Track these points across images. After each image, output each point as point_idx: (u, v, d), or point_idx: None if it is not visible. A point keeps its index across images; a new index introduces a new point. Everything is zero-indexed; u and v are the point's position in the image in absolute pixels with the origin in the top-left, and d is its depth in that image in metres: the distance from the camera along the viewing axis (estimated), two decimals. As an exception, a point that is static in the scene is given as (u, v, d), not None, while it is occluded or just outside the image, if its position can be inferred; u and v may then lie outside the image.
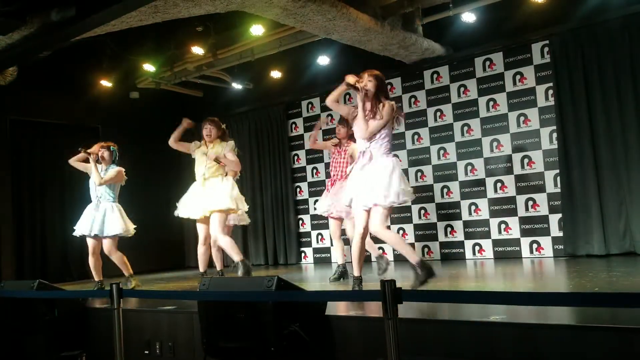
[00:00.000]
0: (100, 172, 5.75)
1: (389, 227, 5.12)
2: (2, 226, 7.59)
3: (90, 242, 5.77)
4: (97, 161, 5.77)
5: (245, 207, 5.55)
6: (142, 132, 9.06)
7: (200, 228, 5.43)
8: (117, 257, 5.70)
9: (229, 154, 5.29)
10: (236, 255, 5.12)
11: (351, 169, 4.25)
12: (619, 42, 5.99)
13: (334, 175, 5.67)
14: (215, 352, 3.23)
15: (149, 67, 7.91)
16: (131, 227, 5.84)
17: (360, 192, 4.02)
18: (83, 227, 5.74)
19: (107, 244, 5.68)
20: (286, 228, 8.61)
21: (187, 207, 5.39)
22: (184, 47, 7.52)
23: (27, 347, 4.32)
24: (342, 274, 5.41)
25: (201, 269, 5.59)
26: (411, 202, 5.07)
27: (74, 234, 5.91)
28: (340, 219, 5.58)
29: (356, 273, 4.21)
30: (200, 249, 5.49)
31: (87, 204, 6.01)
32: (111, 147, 5.90)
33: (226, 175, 5.41)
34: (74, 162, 5.92)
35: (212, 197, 5.20)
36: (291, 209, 8.59)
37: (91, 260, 5.80)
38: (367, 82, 4.03)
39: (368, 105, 4.04)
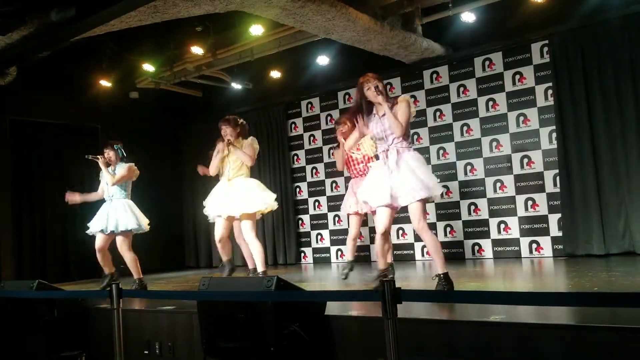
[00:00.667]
0: (111, 172, 5.78)
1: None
2: (2, 226, 7.59)
3: (98, 239, 5.73)
4: (107, 164, 5.80)
5: (272, 204, 5.44)
6: (141, 132, 9.06)
7: (221, 226, 5.27)
8: (129, 257, 5.67)
9: (247, 148, 5.29)
10: (261, 266, 5.11)
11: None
12: (618, 42, 5.99)
13: (352, 174, 5.68)
14: (214, 352, 3.23)
15: (148, 67, 7.90)
16: (144, 223, 5.79)
17: (395, 189, 3.94)
18: (97, 224, 5.72)
19: (119, 242, 5.66)
20: (285, 228, 8.61)
21: (214, 206, 5.33)
22: (184, 47, 7.52)
23: (27, 347, 4.32)
24: (352, 268, 5.52)
25: (224, 258, 5.46)
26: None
27: (87, 232, 5.86)
28: (362, 218, 5.62)
29: (380, 266, 4.29)
30: (219, 245, 5.34)
31: (87, 203, 6.01)
32: (115, 145, 5.89)
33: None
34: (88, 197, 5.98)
35: (239, 200, 5.14)
36: (290, 209, 8.59)
37: (99, 256, 5.78)
38: (378, 83, 4.00)
39: (384, 105, 3.98)
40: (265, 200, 5.31)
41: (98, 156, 5.80)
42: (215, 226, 5.42)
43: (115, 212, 5.68)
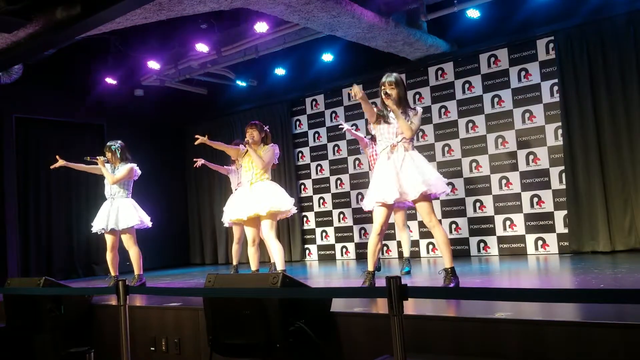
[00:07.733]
0: (111, 171, 5.83)
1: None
2: (8, 224, 7.63)
3: (108, 238, 5.83)
4: (107, 162, 5.86)
5: (289, 207, 5.37)
6: (146, 129, 9.10)
7: (248, 231, 5.26)
8: (134, 252, 5.73)
9: (265, 153, 5.24)
10: (280, 265, 5.05)
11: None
12: (624, 38, 5.97)
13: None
14: (220, 349, 3.24)
15: (153, 65, 7.92)
16: (147, 219, 5.89)
17: (400, 185, 4.01)
18: (99, 222, 5.81)
19: (125, 238, 5.74)
20: (290, 225, 8.62)
21: (233, 210, 5.31)
22: (188, 45, 7.53)
23: (35, 344, 4.35)
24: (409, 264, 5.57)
25: (253, 267, 5.45)
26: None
27: (92, 230, 5.94)
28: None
29: (370, 268, 4.21)
30: (250, 250, 5.27)
31: (93, 200, 6.04)
32: (112, 146, 5.88)
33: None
34: (75, 166, 6.07)
35: (259, 201, 5.10)
36: (295, 206, 8.58)
37: (109, 256, 5.85)
38: (391, 91, 4.07)
39: (393, 107, 4.03)
40: (287, 203, 5.27)
41: (97, 157, 5.85)
42: (246, 232, 5.38)
43: (116, 210, 5.74)
